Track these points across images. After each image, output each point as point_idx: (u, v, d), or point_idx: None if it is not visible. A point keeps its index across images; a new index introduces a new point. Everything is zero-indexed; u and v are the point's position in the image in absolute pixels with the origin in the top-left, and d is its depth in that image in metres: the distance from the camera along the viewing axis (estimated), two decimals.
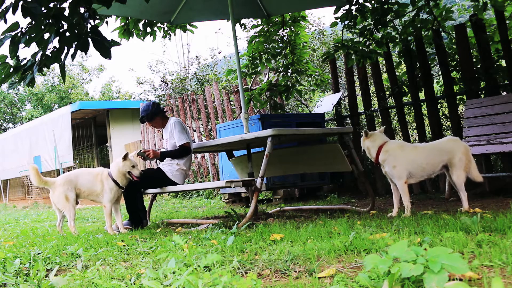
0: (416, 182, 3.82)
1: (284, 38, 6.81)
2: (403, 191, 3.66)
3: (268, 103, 6.99)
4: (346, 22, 5.86)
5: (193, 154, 9.56)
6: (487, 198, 4.59)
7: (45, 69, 2.93)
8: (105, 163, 17.55)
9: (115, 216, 4.32)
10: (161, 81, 13.10)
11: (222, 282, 1.67)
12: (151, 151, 4.55)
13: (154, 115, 4.73)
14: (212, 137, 9.15)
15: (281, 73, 6.93)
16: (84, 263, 2.57)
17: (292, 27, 6.76)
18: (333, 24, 6.20)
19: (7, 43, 2.74)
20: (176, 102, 10.24)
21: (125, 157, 4.18)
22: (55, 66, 20.26)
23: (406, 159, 3.69)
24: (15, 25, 2.71)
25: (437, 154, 3.70)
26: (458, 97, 5.80)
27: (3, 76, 2.90)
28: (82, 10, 2.76)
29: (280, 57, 6.93)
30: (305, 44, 6.94)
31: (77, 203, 4.28)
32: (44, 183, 4.20)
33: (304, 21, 6.75)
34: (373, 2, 5.64)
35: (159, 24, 6.14)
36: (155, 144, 10.93)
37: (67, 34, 2.73)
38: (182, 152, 4.60)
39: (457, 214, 3.25)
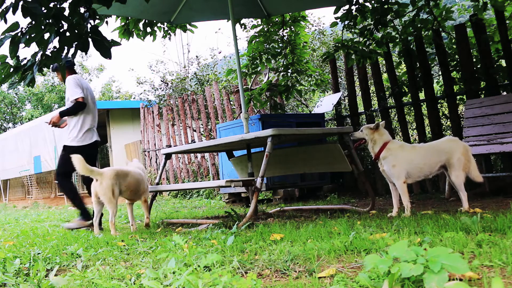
0: (413, 182, 3.82)
1: (284, 38, 6.81)
2: (402, 191, 3.66)
3: (268, 103, 6.99)
4: (346, 22, 5.86)
5: (193, 154, 9.66)
6: (487, 198, 4.59)
7: (45, 69, 2.94)
8: (105, 163, 17.54)
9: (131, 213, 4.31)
10: (161, 81, 13.09)
11: (222, 282, 1.67)
12: (51, 119, 4.44)
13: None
14: (212, 137, 9.15)
15: (281, 73, 6.93)
16: (84, 263, 2.57)
17: (292, 27, 6.76)
18: (333, 24, 6.20)
19: (7, 43, 2.74)
20: (176, 102, 10.24)
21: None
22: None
23: (406, 159, 3.68)
24: (15, 25, 2.71)
25: (435, 155, 3.69)
26: (458, 97, 5.80)
27: (3, 76, 2.90)
28: (82, 10, 2.76)
29: (280, 57, 6.93)
30: (305, 44, 6.94)
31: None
32: (90, 172, 3.87)
33: (304, 21, 6.76)
34: (373, 2, 5.64)
35: (159, 24, 6.15)
36: (155, 144, 10.93)
37: (67, 34, 2.73)
38: (77, 107, 4.41)
39: (457, 214, 3.25)
